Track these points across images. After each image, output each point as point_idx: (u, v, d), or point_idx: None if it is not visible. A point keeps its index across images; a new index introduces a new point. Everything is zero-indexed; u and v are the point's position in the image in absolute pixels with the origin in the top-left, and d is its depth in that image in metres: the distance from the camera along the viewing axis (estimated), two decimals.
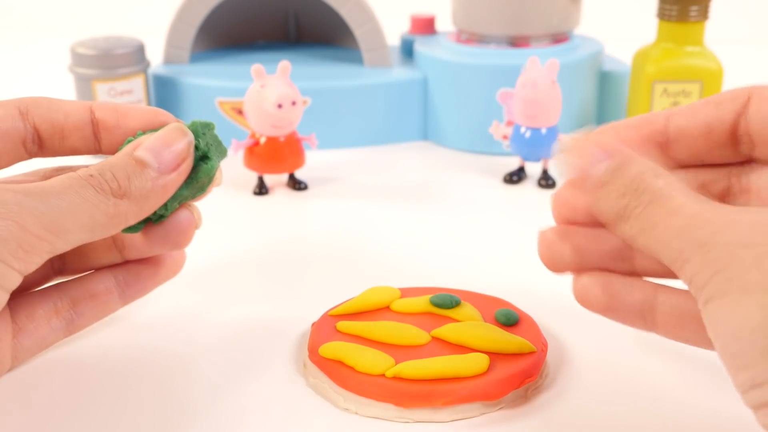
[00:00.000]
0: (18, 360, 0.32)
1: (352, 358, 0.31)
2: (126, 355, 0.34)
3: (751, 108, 0.26)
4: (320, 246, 0.45)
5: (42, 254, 0.26)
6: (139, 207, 0.29)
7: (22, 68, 0.91)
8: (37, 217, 0.26)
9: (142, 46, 0.60)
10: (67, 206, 0.26)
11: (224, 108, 0.60)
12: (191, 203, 0.32)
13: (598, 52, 0.62)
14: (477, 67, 0.59)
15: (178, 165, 0.30)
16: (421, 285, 0.38)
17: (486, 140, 0.59)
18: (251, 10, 0.71)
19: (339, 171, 0.57)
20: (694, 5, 0.54)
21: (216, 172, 0.31)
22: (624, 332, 0.35)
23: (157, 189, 0.29)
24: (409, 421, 0.30)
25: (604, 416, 0.30)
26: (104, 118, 0.32)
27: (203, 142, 0.31)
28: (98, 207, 0.27)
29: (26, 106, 0.31)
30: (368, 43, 0.63)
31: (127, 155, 0.29)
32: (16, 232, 0.25)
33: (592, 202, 0.26)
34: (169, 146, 0.29)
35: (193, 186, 0.31)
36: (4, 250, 0.25)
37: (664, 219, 0.23)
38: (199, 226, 0.32)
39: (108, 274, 0.34)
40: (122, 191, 0.28)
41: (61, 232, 0.26)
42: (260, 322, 0.37)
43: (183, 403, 0.31)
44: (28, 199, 0.26)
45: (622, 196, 0.25)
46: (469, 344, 0.32)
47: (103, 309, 0.34)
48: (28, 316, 0.32)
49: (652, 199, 0.24)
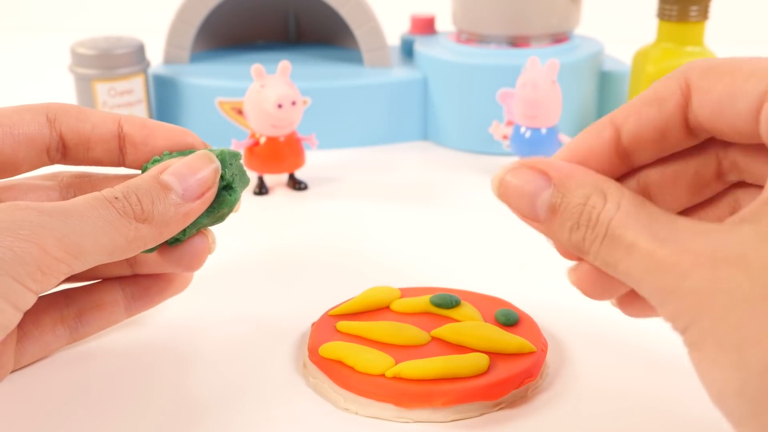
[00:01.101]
0: (20, 364, 0.32)
1: (352, 358, 0.31)
2: (126, 355, 0.34)
3: (693, 102, 0.24)
4: (320, 246, 0.45)
5: (59, 275, 0.26)
6: (159, 232, 0.28)
7: (22, 68, 0.91)
8: (59, 240, 0.25)
9: (142, 46, 0.60)
10: (90, 229, 0.26)
11: (224, 108, 0.60)
12: (207, 228, 0.32)
13: (598, 52, 0.62)
14: (477, 67, 0.59)
15: (203, 194, 0.29)
16: (421, 285, 0.38)
17: (486, 140, 0.59)
18: (251, 10, 0.71)
19: (339, 171, 0.57)
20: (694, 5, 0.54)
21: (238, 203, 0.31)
22: (624, 332, 0.35)
23: (179, 216, 0.29)
24: (409, 421, 0.30)
25: (604, 416, 0.30)
26: (132, 133, 0.31)
27: (229, 172, 0.31)
28: (119, 230, 0.27)
29: (54, 113, 0.31)
30: (368, 43, 0.63)
31: (152, 178, 0.29)
32: (36, 255, 0.25)
33: (546, 234, 0.25)
34: (195, 173, 0.29)
35: (213, 215, 0.31)
36: (23, 272, 0.25)
37: (623, 259, 0.22)
38: (213, 251, 0.32)
39: (116, 286, 0.34)
40: (145, 216, 0.28)
41: (81, 254, 0.26)
42: (260, 322, 0.37)
43: (183, 403, 0.31)
44: (51, 221, 0.26)
45: (575, 230, 0.23)
46: (469, 344, 0.32)
47: (108, 320, 0.34)
48: (34, 322, 0.32)
49: (605, 236, 0.23)
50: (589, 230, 0.23)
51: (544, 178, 0.24)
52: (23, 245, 0.25)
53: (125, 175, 0.32)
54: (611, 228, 0.23)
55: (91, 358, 0.34)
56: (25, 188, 0.32)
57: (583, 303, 0.38)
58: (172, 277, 0.35)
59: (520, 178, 0.24)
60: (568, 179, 0.24)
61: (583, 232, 0.23)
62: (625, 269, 0.22)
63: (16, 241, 0.25)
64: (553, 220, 0.24)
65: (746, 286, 0.20)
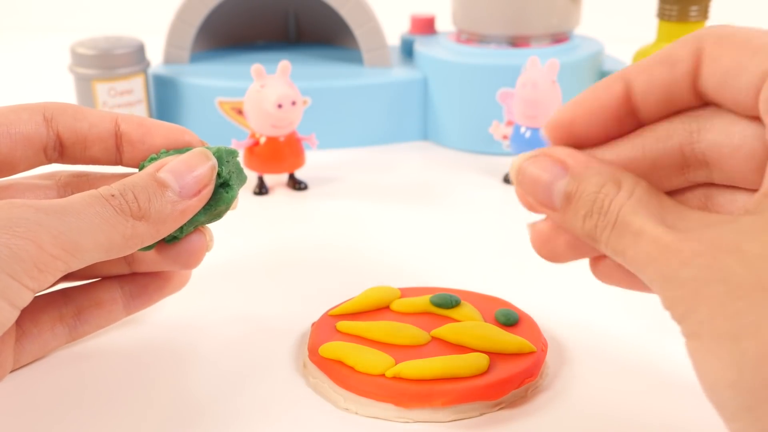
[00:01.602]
0: (19, 363, 0.32)
1: (352, 358, 0.31)
2: (126, 355, 0.34)
3: (703, 69, 0.24)
4: (320, 246, 0.45)
5: (56, 273, 0.26)
6: (156, 230, 0.28)
7: (22, 68, 0.91)
8: (56, 237, 0.25)
9: (142, 46, 0.60)
10: (86, 226, 0.26)
11: (224, 108, 0.60)
12: (205, 225, 0.32)
13: (598, 52, 0.62)
14: (477, 67, 0.59)
15: (199, 191, 0.29)
16: (421, 285, 0.38)
17: (486, 140, 0.59)
18: (251, 10, 0.71)
19: (339, 171, 0.57)
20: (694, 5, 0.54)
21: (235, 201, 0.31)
22: (624, 332, 0.35)
23: (176, 213, 0.29)
24: (409, 421, 0.30)
25: (604, 416, 0.30)
26: (129, 131, 0.31)
27: (226, 169, 0.31)
28: (116, 228, 0.27)
29: (51, 112, 0.31)
30: (368, 43, 0.63)
31: (149, 176, 0.29)
32: (33, 252, 0.25)
33: (560, 223, 0.25)
34: (192, 171, 0.29)
35: (210, 212, 0.31)
36: (20, 269, 0.25)
37: (631, 246, 0.22)
38: (210, 249, 0.32)
39: (114, 284, 0.34)
40: (141, 213, 0.28)
41: (78, 251, 0.26)
42: (260, 321, 0.37)
43: (183, 403, 0.31)
44: (47, 218, 0.26)
45: (588, 217, 0.23)
46: (469, 344, 0.32)
47: (107, 318, 0.34)
48: (33, 321, 0.32)
49: (616, 223, 0.23)
50: (601, 217, 0.23)
51: (561, 167, 0.24)
52: (20, 242, 0.25)
53: (123, 173, 0.32)
54: (621, 214, 0.23)
55: (90, 358, 0.34)
56: (23, 188, 0.32)
57: (583, 303, 0.38)
58: (170, 275, 0.35)
59: (538, 166, 0.25)
60: (584, 168, 0.24)
61: (596, 220, 0.23)
62: (633, 256, 0.22)
63: (12, 238, 0.25)
64: (568, 209, 0.24)
65: (741, 276, 0.20)
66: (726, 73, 0.23)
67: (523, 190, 0.25)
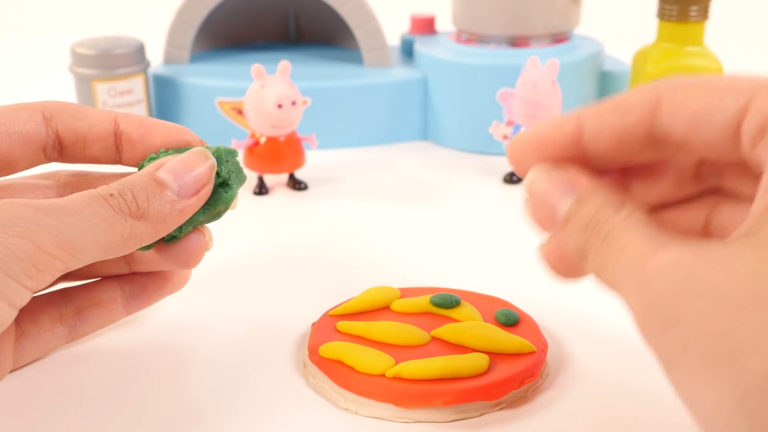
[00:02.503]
0: (19, 363, 0.32)
1: (352, 358, 0.31)
2: (125, 355, 0.34)
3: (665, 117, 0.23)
4: (320, 246, 0.45)
5: (54, 272, 0.26)
6: (155, 229, 0.28)
7: (22, 68, 0.91)
8: (54, 237, 0.25)
9: (142, 46, 0.60)
10: (85, 225, 0.26)
11: (224, 108, 0.60)
12: (204, 225, 0.32)
13: (598, 52, 0.62)
14: (477, 67, 0.59)
15: (198, 190, 0.29)
16: (421, 285, 0.38)
17: (486, 140, 0.59)
18: (251, 10, 0.71)
19: (339, 171, 0.57)
20: (694, 5, 0.54)
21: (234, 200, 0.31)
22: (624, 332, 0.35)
23: (175, 213, 0.29)
24: (409, 421, 0.30)
25: (604, 416, 0.30)
26: (129, 131, 0.31)
27: (225, 169, 0.30)
28: (115, 227, 0.27)
29: (51, 111, 0.31)
30: (368, 43, 0.63)
31: (148, 175, 0.29)
32: (31, 252, 0.25)
33: (559, 240, 0.25)
34: (191, 170, 0.29)
35: (209, 212, 0.31)
36: (18, 269, 0.25)
37: (613, 259, 0.22)
38: (209, 248, 0.32)
39: (114, 284, 0.34)
40: (140, 212, 0.28)
41: (76, 251, 0.26)
42: (260, 322, 0.37)
43: (183, 403, 0.31)
44: (46, 218, 0.25)
45: (583, 233, 0.23)
46: (469, 344, 0.32)
47: (106, 318, 0.34)
48: (32, 321, 0.32)
49: (606, 237, 0.22)
50: (595, 233, 0.23)
51: (570, 188, 0.24)
52: (18, 242, 0.25)
53: (122, 173, 0.32)
54: (614, 229, 0.22)
55: (90, 358, 0.34)
56: (22, 187, 0.32)
57: (584, 303, 0.38)
58: (170, 274, 0.35)
59: (549, 183, 0.25)
60: (591, 192, 0.24)
61: (588, 236, 0.23)
62: (613, 269, 0.22)
63: (10, 237, 0.25)
64: (566, 227, 0.24)
65: (729, 290, 0.19)
66: (694, 116, 0.23)
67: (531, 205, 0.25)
